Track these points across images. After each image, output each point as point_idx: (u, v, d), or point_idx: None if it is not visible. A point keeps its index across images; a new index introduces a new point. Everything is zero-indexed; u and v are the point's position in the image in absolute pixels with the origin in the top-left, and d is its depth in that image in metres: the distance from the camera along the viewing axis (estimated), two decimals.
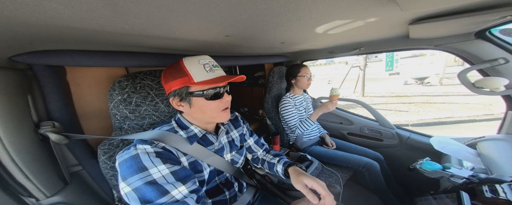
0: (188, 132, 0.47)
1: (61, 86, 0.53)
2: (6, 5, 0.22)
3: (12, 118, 0.41)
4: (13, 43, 0.36)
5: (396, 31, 0.67)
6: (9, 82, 0.42)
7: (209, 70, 0.42)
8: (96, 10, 0.27)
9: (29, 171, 0.43)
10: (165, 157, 0.39)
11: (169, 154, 0.41)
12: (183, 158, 0.44)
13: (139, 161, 0.36)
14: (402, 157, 1.10)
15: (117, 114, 0.50)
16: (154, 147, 0.39)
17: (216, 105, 0.45)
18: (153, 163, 0.36)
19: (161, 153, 0.39)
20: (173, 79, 0.42)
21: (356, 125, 1.26)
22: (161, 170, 0.36)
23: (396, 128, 1.14)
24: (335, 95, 0.91)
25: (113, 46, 0.50)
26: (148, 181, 0.34)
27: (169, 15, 0.32)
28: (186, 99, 0.43)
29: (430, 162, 0.76)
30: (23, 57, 0.42)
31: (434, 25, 0.51)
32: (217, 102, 0.44)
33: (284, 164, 0.59)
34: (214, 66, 0.44)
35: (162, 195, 0.34)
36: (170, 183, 0.36)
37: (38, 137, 0.47)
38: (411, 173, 0.78)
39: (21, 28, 0.30)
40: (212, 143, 0.51)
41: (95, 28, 0.34)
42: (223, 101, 0.45)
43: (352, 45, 0.95)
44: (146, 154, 0.37)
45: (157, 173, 0.36)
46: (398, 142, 1.12)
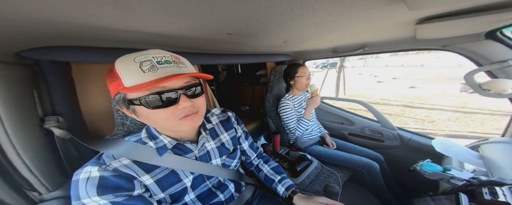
0: (157, 143, 0.42)
1: (66, 82, 0.54)
2: (14, 1, 0.23)
3: (18, 112, 0.42)
4: (20, 38, 0.37)
5: (402, 31, 0.66)
6: (16, 77, 0.43)
7: (149, 69, 0.31)
8: (100, 7, 0.27)
9: (33, 165, 0.44)
10: (109, 185, 0.34)
11: (118, 179, 0.35)
12: (146, 176, 0.39)
13: (76, 188, 0.33)
14: (403, 158, 1.09)
15: (119, 110, 0.50)
16: (102, 171, 0.34)
17: (168, 113, 0.34)
18: (88, 193, 0.32)
19: (106, 178, 0.34)
20: (109, 83, 0.34)
21: (357, 126, 1.26)
22: (97, 201, 0.32)
23: (398, 129, 1.14)
24: (315, 89, 1.00)
25: (116, 43, 0.50)
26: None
27: (172, 12, 0.32)
28: (129, 108, 0.35)
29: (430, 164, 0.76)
30: (30, 52, 0.42)
31: (443, 25, 0.50)
32: (168, 110, 0.34)
33: (287, 188, 0.59)
34: (161, 63, 0.32)
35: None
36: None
37: (43, 132, 0.48)
38: (411, 174, 0.78)
39: (28, 24, 0.31)
40: (191, 150, 0.46)
41: (99, 24, 0.35)
42: (179, 107, 0.34)
43: (356, 45, 0.94)
44: (84, 181, 0.33)
45: (91, 203, 0.32)
46: (399, 143, 1.11)
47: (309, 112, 0.98)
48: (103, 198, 0.33)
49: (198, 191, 0.48)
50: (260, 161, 0.68)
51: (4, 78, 0.40)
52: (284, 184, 0.60)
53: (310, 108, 0.98)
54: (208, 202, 0.50)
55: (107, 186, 0.34)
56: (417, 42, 0.80)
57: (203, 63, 0.83)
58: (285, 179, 0.62)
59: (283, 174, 0.64)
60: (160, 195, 0.42)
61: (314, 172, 0.87)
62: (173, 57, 0.35)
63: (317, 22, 0.48)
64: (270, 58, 1.11)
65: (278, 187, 0.61)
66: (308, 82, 1.03)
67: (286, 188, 0.59)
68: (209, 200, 0.50)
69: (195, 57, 0.75)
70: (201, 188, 0.49)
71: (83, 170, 0.35)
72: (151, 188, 0.41)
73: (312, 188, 0.82)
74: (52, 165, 0.50)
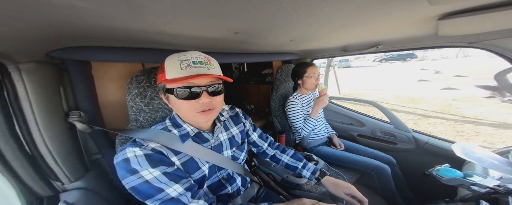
0: (181, 131, 0.47)
1: (87, 79, 0.59)
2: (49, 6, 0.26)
3: (48, 107, 0.47)
4: (50, 40, 0.41)
5: (421, 27, 0.61)
6: (46, 75, 0.48)
7: (186, 67, 0.39)
8: (116, 8, 0.29)
9: (58, 156, 0.49)
10: (155, 159, 0.40)
11: (159, 155, 0.41)
12: (174, 158, 0.44)
13: (129, 164, 0.38)
14: (417, 162, 1.03)
15: (133, 106, 0.54)
16: (144, 149, 0.40)
17: (190, 106, 0.41)
18: (141, 166, 0.38)
19: (151, 155, 0.40)
20: (158, 74, 0.44)
21: (368, 127, 1.21)
22: (152, 172, 0.38)
23: (413, 131, 1.07)
24: (323, 88, 0.97)
25: (131, 42, 0.54)
26: (141, 182, 0.37)
27: (181, 12, 0.34)
28: (165, 95, 0.43)
29: (449, 169, 0.71)
30: (58, 52, 0.47)
31: (469, 20, 0.45)
32: (191, 102, 0.41)
33: (313, 172, 0.64)
34: (196, 63, 0.40)
35: (158, 192, 0.37)
36: (163, 182, 0.38)
37: (67, 125, 0.53)
38: (426, 179, 0.73)
39: (56, 26, 0.34)
40: (208, 140, 0.51)
41: (116, 25, 0.38)
42: (200, 102, 0.41)
43: (369, 42, 0.89)
44: (135, 157, 0.38)
45: (149, 175, 0.38)
46: (414, 147, 1.05)
47: (316, 112, 0.96)
48: (157, 169, 0.39)
49: (210, 181, 0.52)
50: (276, 151, 0.71)
51: (37, 76, 0.45)
52: (308, 169, 0.65)
53: (317, 108, 0.96)
54: (217, 193, 0.53)
55: (153, 160, 0.39)
56: (439, 39, 0.74)
57: None
58: (308, 165, 0.67)
59: (304, 160, 0.69)
60: None
61: None
62: (206, 59, 0.43)
63: (326, 21, 0.46)
64: (276, 57, 1.10)
65: (303, 172, 0.65)
66: (317, 83, 1.00)
67: (311, 172, 0.64)
68: (218, 191, 0.53)
69: None
70: (213, 178, 0.52)
71: (126, 151, 0.39)
72: (180, 169, 0.45)
73: (317, 189, 0.81)
74: (74, 157, 0.54)
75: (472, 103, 3.72)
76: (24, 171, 0.45)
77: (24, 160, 0.45)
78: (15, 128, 0.44)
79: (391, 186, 0.86)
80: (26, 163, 0.46)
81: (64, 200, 0.48)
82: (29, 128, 0.45)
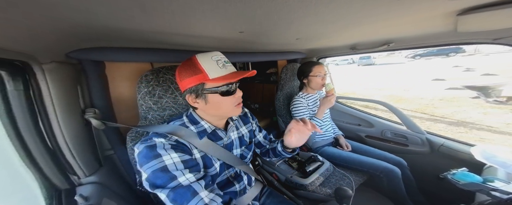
0: (198, 127, 0.49)
1: (101, 78, 0.62)
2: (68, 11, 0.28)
3: (67, 104, 0.51)
4: (69, 41, 0.45)
5: (439, 23, 0.57)
6: (66, 74, 0.51)
7: (222, 66, 0.43)
8: (129, 10, 0.31)
9: (75, 151, 0.52)
10: (179, 148, 0.42)
11: (183, 146, 0.44)
12: (195, 151, 0.47)
13: (154, 149, 0.40)
14: (431, 165, 0.98)
15: (143, 104, 0.56)
16: (168, 140, 0.43)
17: (231, 101, 0.46)
18: (167, 151, 0.40)
19: (175, 145, 0.43)
20: (189, 76, 0.43)
21: (377, 128, 1.16)
22: (173, 157, 0.40)
23: (426, 133, 1.01)
24: (331, 89, 0.93)
25: (141, 43, 0.56)
26: (159, 167, 0.38)
27: (189, 12, 0.34)
28: (202, 95, 0.45)
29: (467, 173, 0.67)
30: (76, 53, 0.50)
31: (493, 14, 0.41)
32: (230, 97, 0.46)
33: (281, 141, 0.63)
34: (226, 62, 0.45)
35: (171, 180, 0.38)
36: (179, 169, 0.39)
37: (83, 122, 0.56)
38: (440, 182, 0.69)
39: (76, 28, 0.37)
40: (221, 138, 0.53)
41: (128, 27, 0.39)
42: (236, 96, 0.47)
43: (380, 41, 0.85)
44: (162, 144, 0.41)
45: (169, 160, 0.39)
46: (428, 149, 0.99)
47: (322, 112, 0.93)
48: (178, 155, 0.41)
49: (219, 178, 0.53)
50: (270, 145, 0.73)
51: (58, 75, 0.48)
52: (280, 142, 0.65)
53: (323, 108, 0.93)
54: (225, 190, 0.54)
55: (178, 148, 0.43)
56: (459, 36, 0.69)
57: None
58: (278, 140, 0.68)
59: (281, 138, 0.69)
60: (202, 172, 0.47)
61: (325, 173, 0.84)
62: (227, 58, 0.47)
63: (334, 19, 0.45)
64: (282, 56, 1.09)
65: (278, 148, 0.65)
66: (323, 82, 0.98)
67: (280, 142, 0.64)
68: (226, 188, 0.54)
69: None
70: (222, 176, 0.53)
71: (154, 139, 0.42)
72: (199, 162, 0.47)
73: (322, 190, 0.79)
74: (89, 152, 0.58)
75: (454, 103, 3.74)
76: (46, 164, 0.49)
77: (46, 154, 0.49)
78: (39, 124, 0.48)
79: (401, 189, 0.83)
80: (48, 157, 0.49)
81: (80, 194, 0.51)
82: (51, 124, 0.48)
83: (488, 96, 3.59)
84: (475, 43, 0.72)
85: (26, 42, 0.38)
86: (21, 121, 0.45)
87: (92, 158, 0.59)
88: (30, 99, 0.46)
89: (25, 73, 0.45)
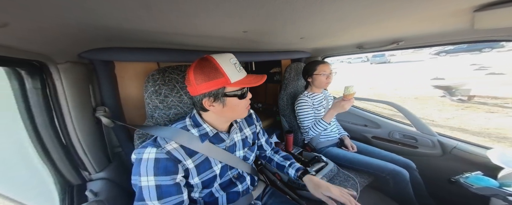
0: (200, 130, 0.49)
1: (111, 78, 0.64)
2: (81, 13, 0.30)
3: (80, 103, 0.53)
4: (82, 42, 0.47)
5: (454, 20, 0.54)
6: (79, 73, 0.54)
7: (239, 69, 0.44)
8: (136, 11, 0.32)
9: (87, 147, 0.54)
10: (161, 166, 0.41)
11: (168, 162, 0.42)
12: (189, 161, 0.46)
13: (139, 165, 0.41)
14: (442, 168, 0.94)
15: (150, 103, 0.57)
16: (158, 153, 0.42)
17: (245, 103, 0.48)
18: (146, 172, 0.40)
19: (160, 161, 0.41)
20: (210, 80, 0.41)
21: (384, 129, 1.13)
22: (149, 181, 0.40)
23: (438, 135, 0.97)
24: (350, 93, 0.79)
25: (148, 43, 0.58)
26: (139, 185, 0.40)
27: (193, 12, 0.35)
28: (220, 99, 0.44)
29: (481, 177, 0.64)
30: (87, 53, 0.52)
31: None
32: (245, 100, 0.47)
33: (297, 170, 0.64)
34: (239, 65, 0.45)
35: (141, 201, 0.40)
36: (150, 195, 0.40)
37: (94, 120, 0.59)
38: (452, 186, 0.67)
39: (89, 29, 0.39)
40: (223, 140, 0.52)
41: (136, 27, 0.41)
42: (247, 99, 0.48)
43: (388, 39, 0.82)
44: (146, 161, 0.41)
45: (144, 182, 0.40)
46: (439, 152, 0.96)
47: (332, 116, 0.88)
48: (155, 179, 0.40)
49: (222, 180, 0.53)
50: (271, 152, 0.73)
51: (71, 75, 0.51)
52: (293, 167, 0.65)
53: (334, 112, 0.85)
54: (228, 191, 0.54)
55: (159, 167, 0.41)
56: (476, 33, 0.65)
57: None
58: (294, 163, 0.67)
59: (292, 159, 0.70)
60: (195, 179, 0.47)
61: (328, 174, 0.83)
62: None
63: (340, 17, 0.44)
64: (286, 55, 1.08)
65: (289, 170, 0.66)
66: (328, 81, 0.96)
67: (295, 170, 0.64)
68: (229, 189, 0.55)
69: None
70: (224, 177, 0.54)
71: (145, 151, 0.42)
72: (191, 171, 0.47)
73: None
74: (99, 149, 0.60)
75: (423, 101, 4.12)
76: (60, 160, 0.52)
77: (60, 150, 0.52)
78: (55, 121, 0.51)
79: (408, 192, 0.80)
80: (62, 152, 0.52)
81: (90, 189, 0.53)
82: (65, 121, 0.51)
83: (453, 95, 3.98)
84: (494, 41, 0.67)
85: (42, 44, 0.41)
86: (38, 118, 0.47)
87: (102, 154, 0.61)
88: (46, 98, 0.48)
89: (42, 72, 0.47)
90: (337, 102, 0.84)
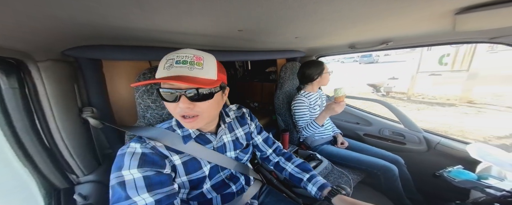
0: (183, 131, 0.47)
1: (98, 77, 0.61)
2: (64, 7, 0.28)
3: (63, 103, 0.50)
4: (65, 39, 0.44)
5: (437, 23, 0.57)
6: (62, 72, 0.50)
7: (168, 66, 0.36)
8: (125, 7, 0.30)
9: (73, 150, 0.52)
10: (147, 159, 0.38)
11: (154, 156, 0.40)
12: (176, 157, 0.44)
13: (122, 159, 0.37)
14: (428, 163, 1.00)
15: (141, 103, 0.55)
16: (143, 148, 0.40)
17: (172, 108, 0.39)
18: (130, 165, 0.36)
19: (146, 154, 0.39)
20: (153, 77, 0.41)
21: (375, 126, 1.18)
22: (133, 173, 0.36)
23: (424, 132, 1.03)
24: (341, 96, 0.77)
25: (139, 41, 0.55)
26: (119, 181, 0.35)
27: (186, 10, 0.34)
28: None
29: (462, 171, 0.68)
30: (72, 51, 0.49)
31: (491, 14, 0.42)
32: (172, 105, 0.38)
33: (321, 187, 0.52)
34: (178, 63, 0.36)
35: (126, 199, 0.34)
36: (137, 187, 0.35)
37: (81, 121, 0.56)
38: (436, 180, 0.71)
39: (72, 26, 0.36)
40: (210, 141, 0.51)
41: (125, 25, 0.39)
42: (177, 107, 0.38)
43: (378, 40, 0.85)
44: (130, 154, 0.38)
45: (128, 175, 0.36)
46: (425, 147, 1.01)
47: (324, 118, 0.89)
48: (139, 170, 0.37)
49: (213, 181, 0.52)
50: (280, 158, 0.65)
51: (54, 74, 0.47)
52: (315, 183, 0.54)
53: (326, 115, 0.86)
54: (222, 192, 0.53)
55: (146, 160, 0.39)
56: (456, 35, 0.70)
57: None
58: (316, 177, 0.55)
59: (312, 171, 0.58)
60: (183, 178, 0.46)
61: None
62: (195, 57, 0.37)
63: (333, 18, 0.45)
64: (281, 54, 1.08)
65: (308, 186, 0.55)
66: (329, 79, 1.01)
67: (318, 188, 0.52)
68: (222, 190, 0.54)
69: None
70: (216, 178, 0.52)
71: (129, 146, 0.40)
72: (178, 168, 0.45)
73: None
74: (87, 151, 0.57)
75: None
76: (43, 163, 0.49)
77: (43, 153, 0.49)
78: (36, 123, 0.47)
79: (397, 186, 0.84)
80: (45, 156, 0.49)
81: (79, 193, 0.51)
82: (48, 123, 0.48)
83: (378, 91, 5.48)
84: (472, 42, 0.73)
85: (20, 40, 0.38)
86: (17, 120, 0.44)
87: (90, 157, 0.58)
88: (25, 98, 0.45)
89: (20, 71, 0.44)
90: (329, 105, 0.85)
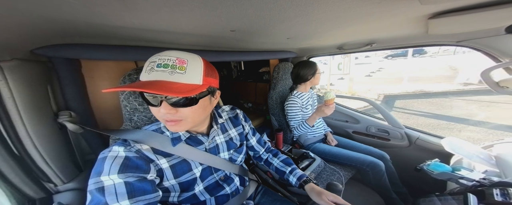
0: (173, 133, 0.45)
1: (77, 78, 0.56)
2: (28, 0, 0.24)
3: (34, 107, 0.45)
4: (35, 36, 0.39)
5: (413, 26, 0.62)
6: (31, 73, 0.45)
7: (150, 70, 0.34)
8: (107, 5, 0.28)
9: (49, 158, 0.47)
10: (130, 164, 0.36)
11: (138, 160, 0.38)
12: (163, 160, 0.43)
13: (102, 164, 0.35)
14: (410, 158, 1.07)
15: (127, 105, 0.52)
16: (127, 151, 0.38)
17: (156, 111, 0.38)
18: (110, 170, 0.34)
19: (129, 158, 0.37)
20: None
21: (362, 124, 1.24)
22: (114, 179, 0.34)
23: (405, 128, 1.11)
24: (330, 99, 0.84)
25: (123, 40, 0.52)
26: (98, 187, 0.33)
27: (175, 9, 0.33)
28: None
29: (439, 164, 0.74)
30: (44, 50, 0.45)
31: (458, 19, 0.47)
32: (155, 109, 0.37)
33: (299, 178, 0.61)
34: (159, 66, 0.34)
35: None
36: (117, 193, 0.33)
37: (57, 126, 0.51)
38: (418, 174, 0.76)
39: (42, 21, 0.32)
40: (202, 142, 0.50)
41: (107, 23, 0.36)
42: (161, 111, 0.36)
43: (364, 41, 0.91)
44: (112, 158, 0.36)
45: (108, 181, 0.34)
46: (406, 143, 1.08)
47: (314, 120, 0.95)
48: (121, 176, 0.35)
49: (206, 183, 0.51)
50: (269, 155, 0.70)
51: (21, 74, 0.42)
52: (295, 175, 0.63)
53: (316, 116, 0.91)
54: (216, 194, 0.52)
55: (128, 165, 0.36)
56: (429, 38, 0.77)
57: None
58: (296, 170, 0.65)
59: (293, 165, 0.67)
60: (171, 181, 0.44)
61: (316, 170, 0.87)
62: (177, 61, 0.35)
63: (323, 19, 0.47)
64: (273, 55, 1.10)
65: (290, 177, 0.63)
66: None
67: (297, 178, 0.62)
68: (216, 192, 0.52)
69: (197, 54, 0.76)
70: (209, 180, 0.51)
71: (111, 149, 0.38)
72: (165, 172, 0.43)
73: None
74: (66, 158, 0.52)
75: None
76: (13, 173, 0.43)
77: (12, 162, 0.43)
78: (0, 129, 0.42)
79: (385, 181, 0.89)
80: (15, 165, 0.44)
81: (58, 202, 0.46)
82: (15, 128, 0.43)
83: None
84: (442, 45, 0.81)
85: None
86: None
87: (69, 164, 0.53)
88: None
89: None
90: (319, 107, 0.90)
